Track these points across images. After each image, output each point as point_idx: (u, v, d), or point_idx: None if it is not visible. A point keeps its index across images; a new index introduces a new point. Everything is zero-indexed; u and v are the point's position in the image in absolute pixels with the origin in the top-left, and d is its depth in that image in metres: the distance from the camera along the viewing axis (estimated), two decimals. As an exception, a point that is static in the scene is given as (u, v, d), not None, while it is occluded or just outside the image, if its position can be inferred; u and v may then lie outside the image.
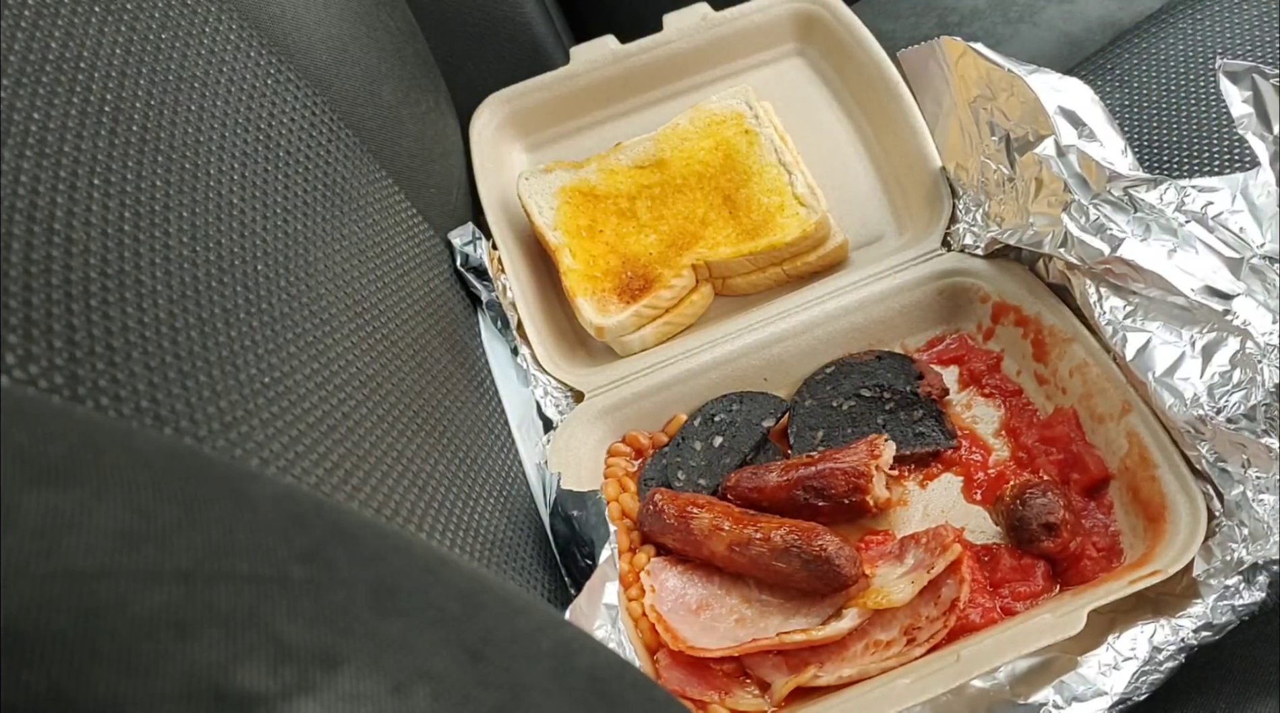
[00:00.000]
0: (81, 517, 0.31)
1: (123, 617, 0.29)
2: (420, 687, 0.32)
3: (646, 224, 1.01)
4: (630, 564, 0.86)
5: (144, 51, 0.63)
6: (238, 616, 0.31)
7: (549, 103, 1.13)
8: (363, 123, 0.89)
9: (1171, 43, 1.07)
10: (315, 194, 0.77)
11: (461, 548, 0.74)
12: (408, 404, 0.77)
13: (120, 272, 0.53)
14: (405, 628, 0.34)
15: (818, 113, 1.11)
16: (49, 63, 0.55)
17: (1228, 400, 0.74)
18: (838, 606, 0.79)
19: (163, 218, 0.58)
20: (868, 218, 1.04)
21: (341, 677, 0.31)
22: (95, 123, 0.57)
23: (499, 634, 0.37)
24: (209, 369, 0.56)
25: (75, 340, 0.48)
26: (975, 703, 0.72)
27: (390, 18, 0.99)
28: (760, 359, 0.95)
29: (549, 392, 0.96)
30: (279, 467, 0.58)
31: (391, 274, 0.85)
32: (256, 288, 0.64)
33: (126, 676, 0.28)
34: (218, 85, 0.70)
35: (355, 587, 0.35)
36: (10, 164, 0.50)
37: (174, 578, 0.31)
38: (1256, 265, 0.76)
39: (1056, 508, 0.78)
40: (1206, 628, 0.72)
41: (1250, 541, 0.73)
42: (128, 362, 0.51)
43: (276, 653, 0.30)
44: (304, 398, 0.64)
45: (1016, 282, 0.92)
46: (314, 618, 0.32)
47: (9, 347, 0.45)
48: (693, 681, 0.79)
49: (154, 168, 0.60)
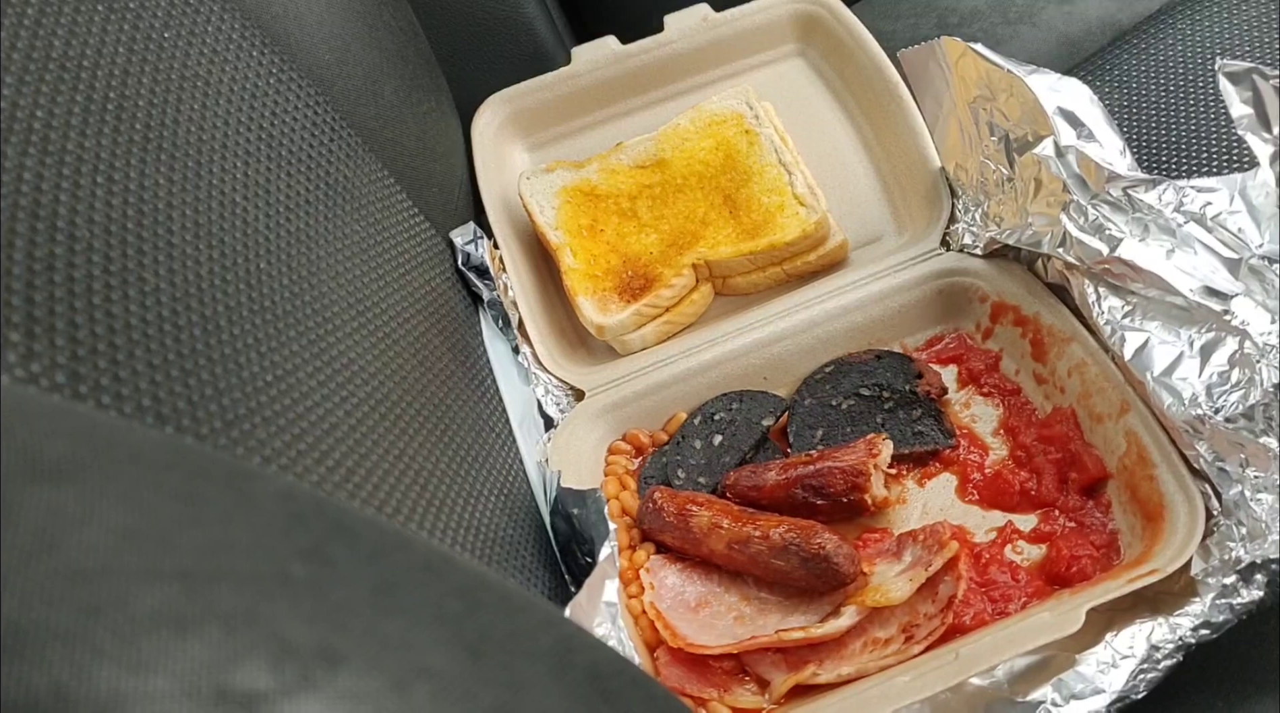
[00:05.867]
0: (82, 515, 0.31)
1: (124, 615, 0.29)
2: (421, 684, 0.32)
3: (647, 223, 1.01)
4: (630, 562, 0.86)
5: (147, 50, 0.64)
6: (238, 614, 0.31)
7: (550, 103, 1.13)
8: (364, 122, 0.89)
9: (1170, 43, 1.07)
10: (317, 193, 0.77)
11: (462, 546, 0.75)
12: (409, 403, 0.77)
13: (123, 270, 0.53)
14: (406, 626, 0.34)
15: (818, 113, 1.11)
16: (52, 61, 0.56)
17: (1226, 400, 0.74)
18: (836, 603, 0.79)
19: (165, 216, 0.59)
20: (867, 218, 1.04)
21: (342, 675, 0.31)
22: (98, 121, 0.57)
23: (499, 632, 0.37)
24: (210, 367, 0.56)
25: (77, 338, 0.49)
26: (974, 701, 0.72)
27: (392, 17, 1.00)
28: (760, 358, 0.96)
29: (550, 390, 0.96)
30: (280, 465, 0.59)
31: (393, 273, 0.85)
32: (259, 286, 0.64)
33: (127, 673, 0.28)
34: (220, 84, 0.70)
35: (356, 585, 0.35)
36: (13, 162, 0.50)
37: (175, 576, 0.31)
38: (1255, 266, 0.76)
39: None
40: (1205, 627, 0.72)
41: (1248, 540, 0.73)
42: (129, 360, 0.51)
43: (277, 651, 0.30)
44: (305, 396, 0.64)
45: (1015, 281, 0.92)
46: (315, 616, 0.32)
47: (11, 345, 0.45)
48: (692, 678, 0.79)
49: (157, 166, 0.60)
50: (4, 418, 0.34)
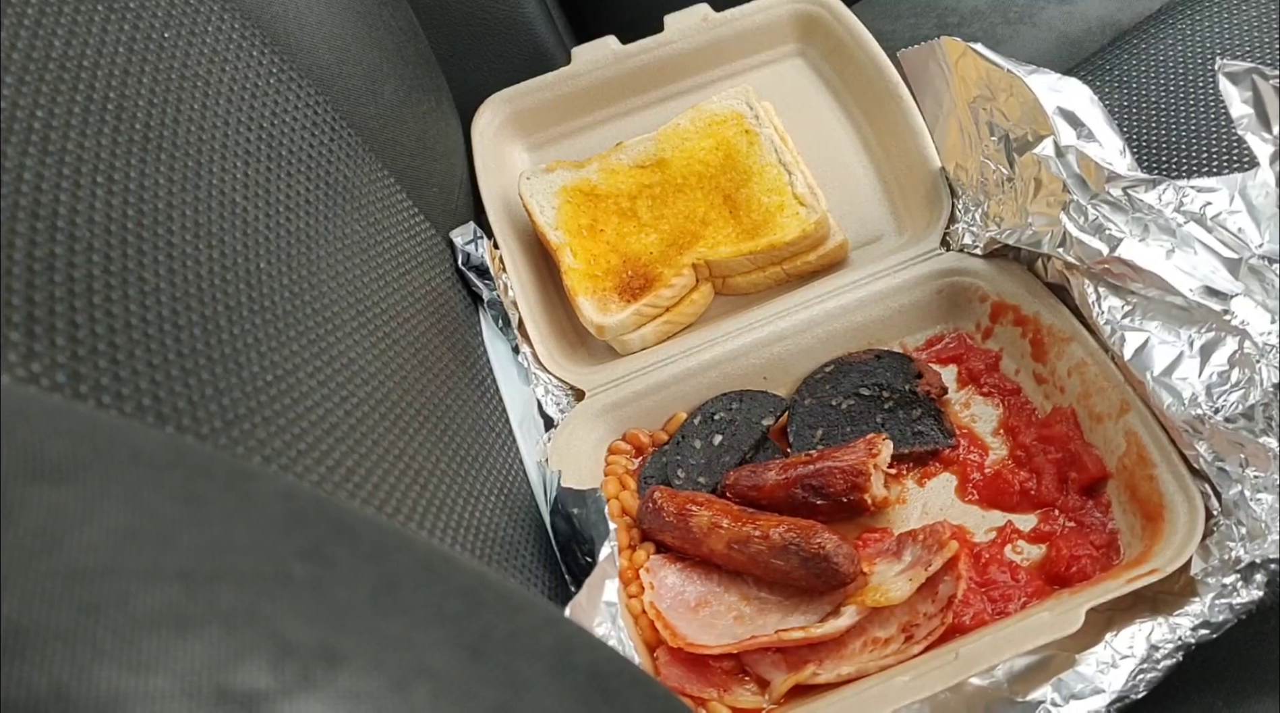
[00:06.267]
0: (83, 514, 0.31)
1: (124, 614, 0.29)
2: (421, 684, 0.32)
3: (647, 223, 1.01)
4: (630, 562, 0.86)
5: (147, 50, 0.64)
6: (239, 613, 0.31)
7: (550, 103, 1.13)
8: (364, 122, 0.89)
9: (1170, 43, 1.07)
10: (317, 193, 0.77)
11: (462, 546, 0.75)
12: (409, 402, 0.77)
13: (123, 270, 0.53)
14: (406, 625, 0.34)
15: (818, 113, 1.11)
16: (52, 61, 0.56)
17: (1226, 400, 0.74)
18: (836, 603, 0.79)
19: (165, 216, 0.59)
20: (867, 218, 1.04)
21: (342, 674, 0.31)
22: (98, 121, 0.57)
23: (499, 632, 0.37)
24: (211, 367, 0.56)
25: (78, 338, 0.49)
26: (973, 701, 0.72)
27: (392, 17, 1.00)
28: (760, 358, 0.96)
29: (550, 390, 0.96)
30: (280, 465, 0.59)
31: (393, 273, 0.85)
32: (259, 286, 0.65)
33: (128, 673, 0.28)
34: (220, 84, 0.70)
35: (356, 584, 0.35)
36: (13, 162, 0.50)
37: (175, 576, 0.31)
38: (1255, 265, 0.76)
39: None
40: (1204, 626, 0.72)
41: (1248, 539, 0.73)
42: (130, 359, 0.51)
43: (278, 651, 0.30)
44: (306, 396, 0.64)
45: (1015, 281, 0.92)
46: (315, 616, 0.32)
47: (11, 344, 0.45)
48: (692, 677, 0.79)
49: (157, 166, 0.60)
50: (5, 417, 0.34)
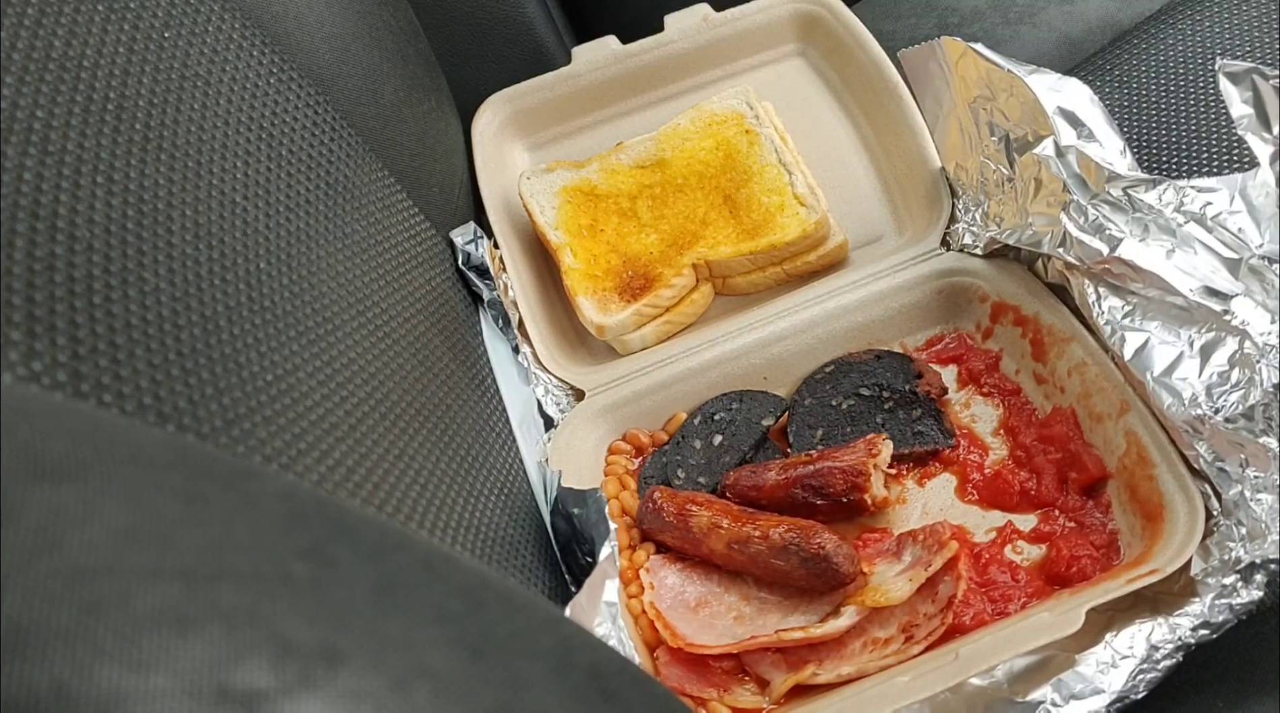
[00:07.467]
0: (83, 513, 0.31)
1: (125, 613, 0.29)
2: (421, 684, 0.32)
3: (647, 223, 1.01)
4: (630, 562, 0.86)
5: (147, 50, 0.64)
6: (239, 613, 0.31)
7: (550, 103, 1.13)
8: (365, 122, 0.89)
9: (1171, 43, 1.07)
10: (317, 193, 0.77)
11: (462, 545, 0.75)
12: (409, 402, 0.77)
13: (123, 269, 0.53)
14: (406, 625, 0.34)
15: (818, 113, 1.11)
16: (52, 61, 0.56)
17: (1226, 400, 0.74)
18: (836, 603, 0.79)
19: (165, 216, 0.59)
20: (867, 218, 1.04)
21: (343, 674, 0.31)
22: (98, 121, 0.57)
23: (499, 631, 0.37)
24: (211, 366, 0.56)
25: (78, 337, 0.49)
26: (973, 701, 0.72)
27: (392, 17, 1.00)
28: (760, 358, 0.96)
29: (550, 390, 0.96)
30: (281, 464, 0.59)
31: (393, 272, 0.85)
32: (259, 286, 0.65)
33: (128, 672, 0.28)
34: (220, 84, 0.70)
35: (356, 584, 0.35)
36: (13, 162, 0.50)
37: (176, 575, 0.31)
38: (1255, 266, 0.76)
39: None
40: (1204, 627, 0.72)
41: (1248, 540, 0.73)
42: (130, 359, 0.51)
43: (278, 650, 0.30)
44: (306, 395, 0.64)
45: (1015, 281, 0.92)
46: (315, 615, 0.32)
47: (12, 343, 0.45)
48: (692, 678, 0.79)
49: (157, 166, 0.60)
50: (5, 417, 0.34)
